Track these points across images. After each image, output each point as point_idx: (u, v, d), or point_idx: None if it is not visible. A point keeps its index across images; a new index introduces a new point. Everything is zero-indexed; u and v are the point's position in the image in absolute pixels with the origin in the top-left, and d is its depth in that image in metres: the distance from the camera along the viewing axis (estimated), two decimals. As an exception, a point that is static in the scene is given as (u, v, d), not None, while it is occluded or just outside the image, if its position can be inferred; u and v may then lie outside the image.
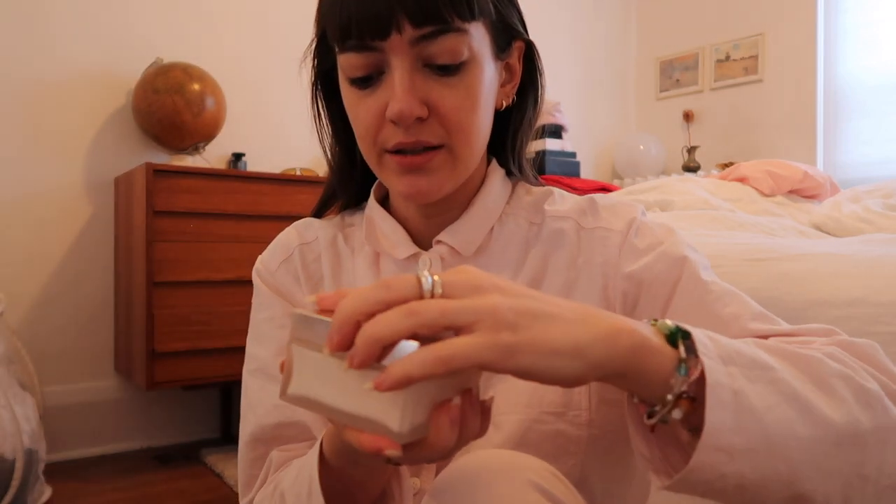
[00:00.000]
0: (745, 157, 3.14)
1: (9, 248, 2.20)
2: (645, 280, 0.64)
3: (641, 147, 3.60)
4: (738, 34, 3.43)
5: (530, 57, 0.71)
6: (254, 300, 0.75)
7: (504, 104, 0.69)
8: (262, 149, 2.63)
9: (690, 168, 3.41)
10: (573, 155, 3.34)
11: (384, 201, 0.74)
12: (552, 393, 0.62)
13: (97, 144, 2.35)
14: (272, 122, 2.67)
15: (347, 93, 0.64)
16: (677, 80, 3.70)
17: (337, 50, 0.62)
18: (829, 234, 1.80)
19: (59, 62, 2.28)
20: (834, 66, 3.16)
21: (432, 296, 0.41)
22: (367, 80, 0.61)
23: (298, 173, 2.50)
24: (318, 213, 0.77)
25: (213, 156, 2.48)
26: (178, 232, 2.07)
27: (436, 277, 0.41)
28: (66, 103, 2.30)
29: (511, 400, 0.62)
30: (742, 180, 2.24)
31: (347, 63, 0.61)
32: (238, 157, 2.50)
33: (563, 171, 3.18)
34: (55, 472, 2.05)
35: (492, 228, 0.70)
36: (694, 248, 0.66)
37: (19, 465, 1.68)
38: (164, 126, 2.24)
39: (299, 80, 0.73)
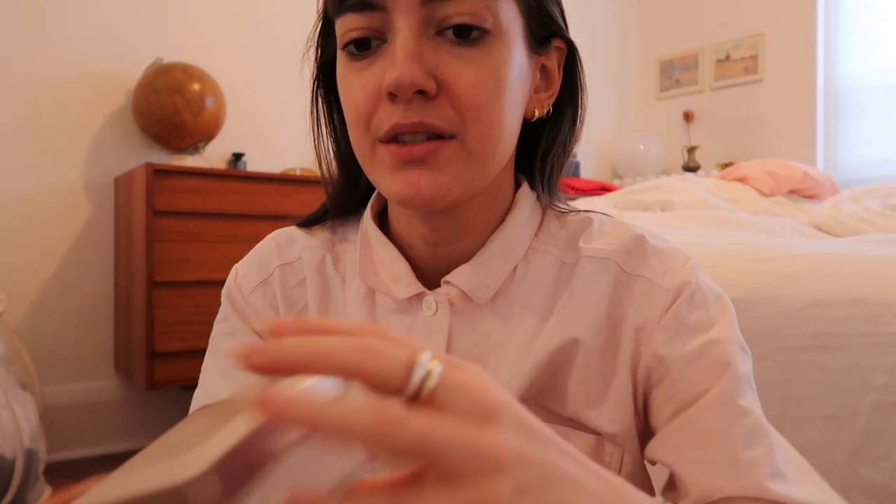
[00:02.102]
0: (745, 157, 3.15)
1: (9, 248, 2.20)
2: (674, 371, 0.53)
3: (641, 147, 3.60)
4: (738, 34, 3.43)
5: (573, 66, 0.60)
6: (221, 320, 0.66)
7: (537, 114, 0.58)
8: (262, 149, 2.63)
9: (690, 168, 3.41)
10: (573, 155, 3.34)
11: (383, 221, 0.61)
12: (581, 448, 0.57)
13: (97, 144, 2.35)
14: (272, 122, 2.67)
15: (342, 69, 0.53)
16: (677, 80, 3.69)
17: (336, 18, 0.52)
18: (829, 234, 1.80)
19: (58, 62, 2.28)
20: (834, 66, 3.16)
21: (419, 393, 0.28)
22: (366, 48, 0.50)
23: (298, 173, 2.50)
24: (306, 225, 0.67)
25: (213, 156, 2.48)
26: (178, 232, 2.07)
27: (435, 369, 0.29)
28: (66, 103, 2.29)
29: None
30: (742, 180, 2.25)
31: (345, 27, 0.51)
32: (238, 157, 2.50)
33: (563, 172, 3.18)
34: (55, 472, 2.05)
35: (515, 267, 0.57)
36: (743, 346, 0.54)
37: (19, 465, 1.68)
38: (164, 126, 2.24)
39: (300, 79, 0.71)
